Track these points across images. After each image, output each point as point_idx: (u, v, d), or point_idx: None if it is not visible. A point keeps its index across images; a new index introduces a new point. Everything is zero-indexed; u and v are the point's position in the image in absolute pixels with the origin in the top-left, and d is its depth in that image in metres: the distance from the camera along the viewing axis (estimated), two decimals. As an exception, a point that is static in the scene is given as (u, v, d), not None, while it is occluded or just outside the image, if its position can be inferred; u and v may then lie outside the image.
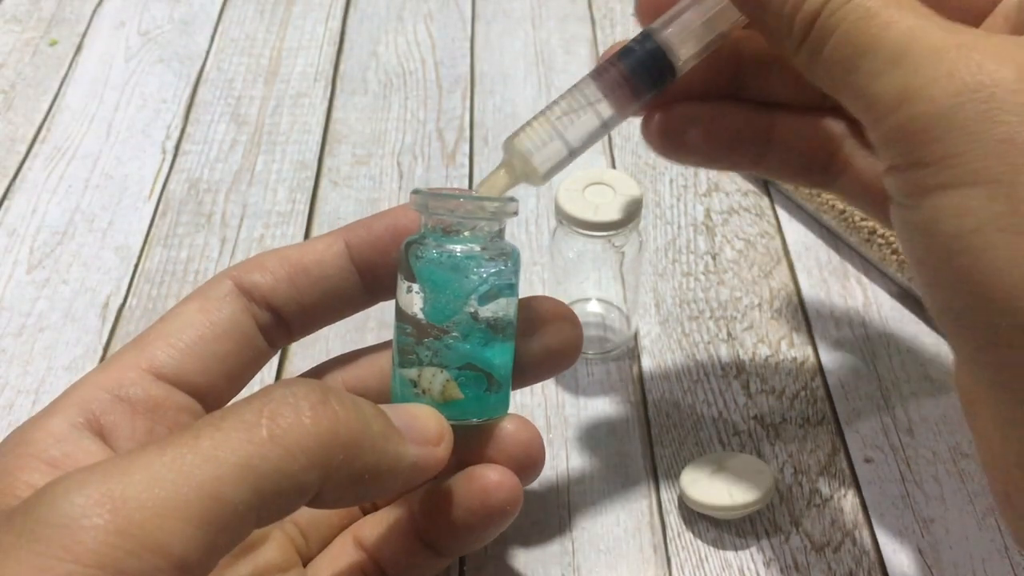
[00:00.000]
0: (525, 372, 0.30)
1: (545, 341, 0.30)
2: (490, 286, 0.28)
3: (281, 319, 0.29)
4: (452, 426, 0.27)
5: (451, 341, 0.28)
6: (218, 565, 0.29)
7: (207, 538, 0.20)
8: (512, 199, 0.29)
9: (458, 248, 0.28)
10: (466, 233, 0.28)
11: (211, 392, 0.28)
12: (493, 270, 0.28)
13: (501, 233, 0.29)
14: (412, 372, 0.28)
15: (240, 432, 0.21)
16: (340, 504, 0.24)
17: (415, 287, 0.28)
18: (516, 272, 0.29)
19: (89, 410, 0.25)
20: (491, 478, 0.29)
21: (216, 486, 0.20)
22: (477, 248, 0.28)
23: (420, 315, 0.28)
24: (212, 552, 0.20)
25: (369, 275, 0.30)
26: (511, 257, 0.29)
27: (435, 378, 0.28)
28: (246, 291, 0.29)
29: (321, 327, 0.31)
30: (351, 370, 0.31)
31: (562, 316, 0.30)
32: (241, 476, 0.21)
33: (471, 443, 0.29)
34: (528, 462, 0.30)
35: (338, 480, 0.23)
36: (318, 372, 0.31)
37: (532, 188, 0.50)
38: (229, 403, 0.28)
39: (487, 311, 0.28)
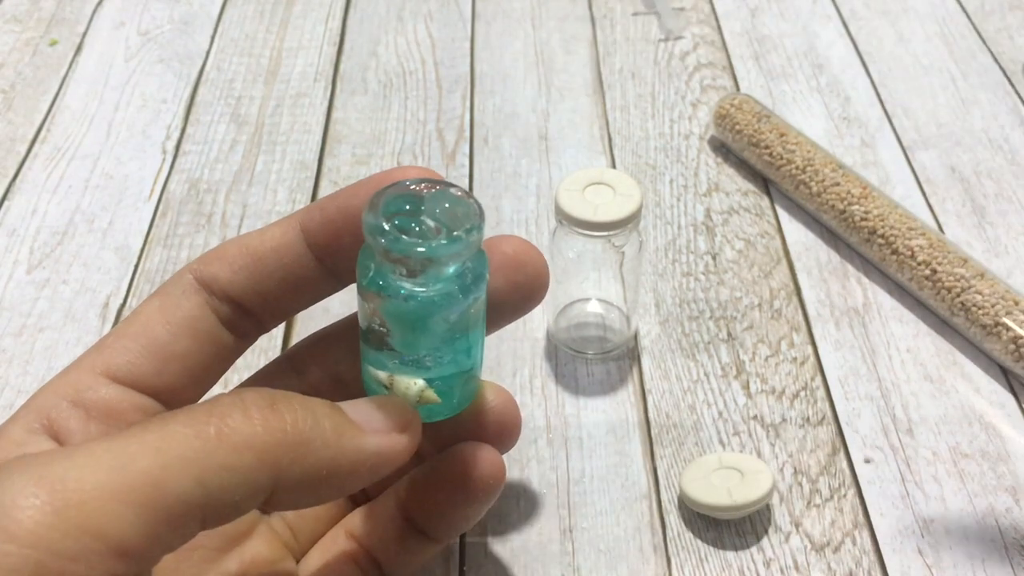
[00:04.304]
0: (493, 315, 0.29)
1: (511, 277, 0.29)
2: (463, 313, 0.26)
3: (245, 310, 0.29)
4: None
5: (425, 362, 0.27)
6: (203, 559, 0.29)
7: (147, 526, 0.20)
8: (476, 227, 0.25)
9: (426, 290, 0.25)
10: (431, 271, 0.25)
11: (171, 391, 0.27)
12: (466, 303, 0.26)
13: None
14: (383, 376, 0.27)
15: (188, 428, 0.21)
16: (302, 504, 0.24)
17: (380, 315, 0.26)
18: (486, 277, 0.27)
19: (46, 416, 0.26)
20: (472, 453, 0.29)
21: (158, 475, 0.20)
22: (452, 284, 0.25)
23: (390, 342, 0.26)
24: (153, 542, 0.20)
25: (328, 259, 0.29)
26: (480, 269, 0.26)
27: (409, 390, 0.27)
28: (205, 284, 0.28)
29: (291, 315, 0.30)
30: (323, 351, 0.31)
31: (526, 251, 0.29)
32: (185, 468, 0.21)
33: (447, 424, 0.29)
34: (504, 429, 0.30)
35: (291, 480, 0.23)
36: (292, 354, 0.31)
37: (531, 188, 0.50)
38: (199, 402, 0.28)
39: (460, 328, 0.26)
